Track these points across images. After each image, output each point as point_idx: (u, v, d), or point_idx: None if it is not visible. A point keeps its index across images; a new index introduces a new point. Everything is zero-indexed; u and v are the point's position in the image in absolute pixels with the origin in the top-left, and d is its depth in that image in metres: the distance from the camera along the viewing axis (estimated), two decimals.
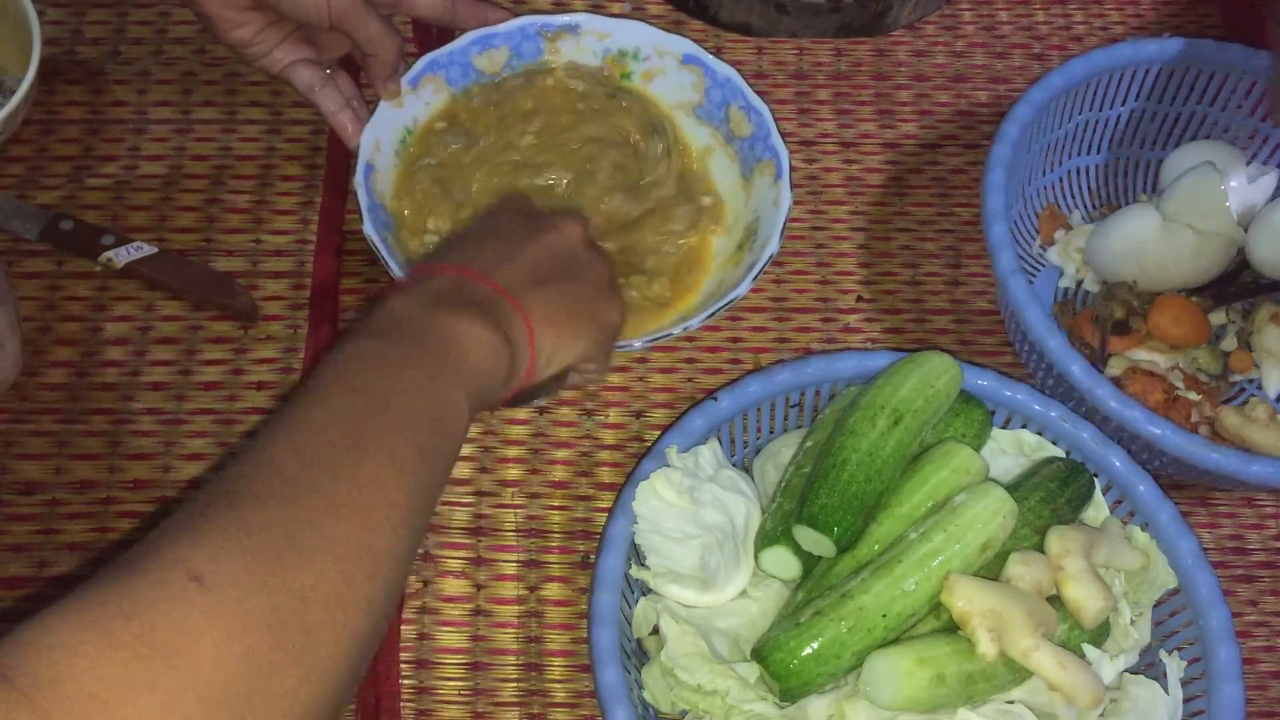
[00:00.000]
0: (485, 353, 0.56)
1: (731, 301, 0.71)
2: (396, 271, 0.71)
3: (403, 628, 0.69)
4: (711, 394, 0.68)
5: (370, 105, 0.79)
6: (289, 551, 0.43)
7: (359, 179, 0.74)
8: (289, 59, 0.78)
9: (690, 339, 0.79)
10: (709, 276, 0.77)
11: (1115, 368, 0.76)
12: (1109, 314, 0.77)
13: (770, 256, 0.73)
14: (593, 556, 0.71)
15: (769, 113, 0.78)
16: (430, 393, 0.53)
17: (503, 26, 0.81)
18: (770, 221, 0.75)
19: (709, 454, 0.67)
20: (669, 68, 0.82)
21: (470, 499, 0.73)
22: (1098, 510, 0.68)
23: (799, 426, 0.73)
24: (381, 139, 0.77)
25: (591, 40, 0.82)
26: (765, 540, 0.64)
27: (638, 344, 0.71)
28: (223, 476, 0.47)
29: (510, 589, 0.71)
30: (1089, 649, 0.62)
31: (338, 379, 0.52)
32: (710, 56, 0.81)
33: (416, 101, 0.79)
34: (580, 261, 0.65)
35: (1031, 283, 0.81)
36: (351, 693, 0.46)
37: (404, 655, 0.68)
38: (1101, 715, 0.62)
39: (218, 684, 0.39)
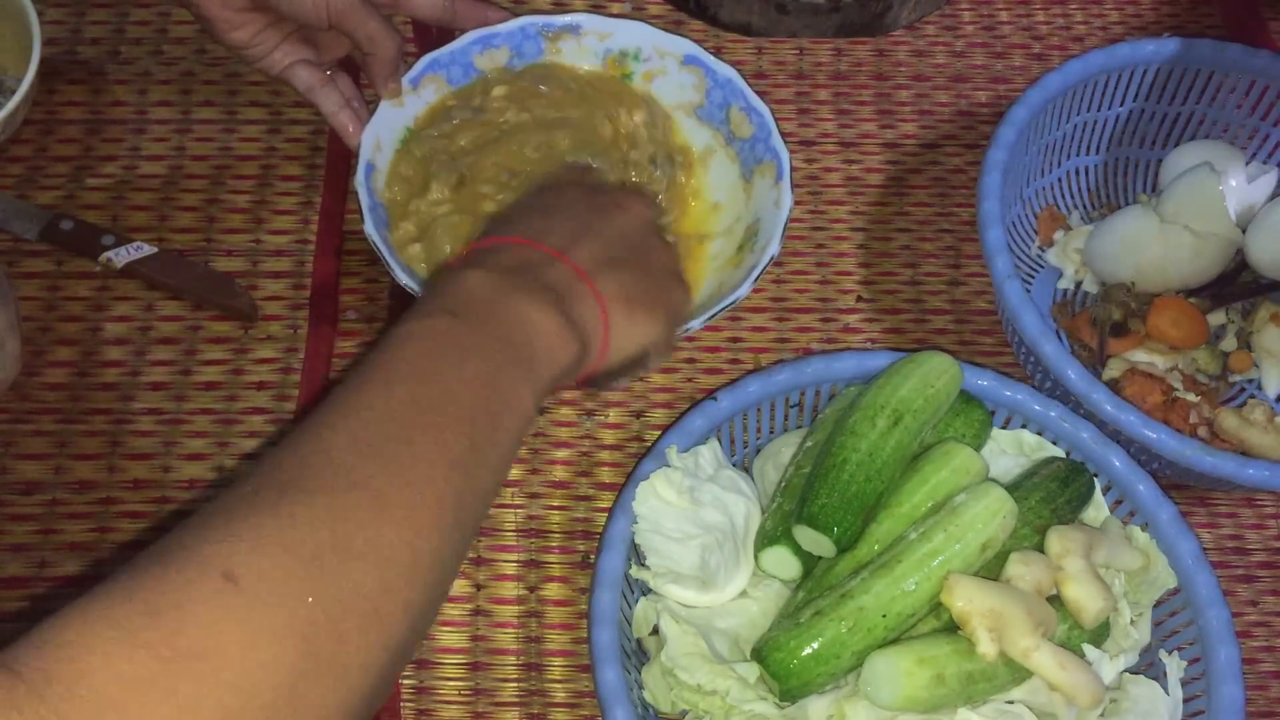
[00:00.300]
0: (556, 341, 0.54)
1: (733, 303, 0.71)
2: (397, 271, 0.71)
3: None
4: (711, 394, 0.68)
5: (370, 105, 0.78)
6: (330, 553, 0.41)
7: (360, 179, 0.74)
8: (288, 60, 0.78)
9: (690, 339, 0.79)
10: (706, 277, 0.77)
11: (1114, 369, 0.76)
12: (1107, 315, 0.77)
13: (771, 258, 0.73)
14: (593, 556, 0.71)
15: (770, 114, 0.78)
16: (495, 386, 0.51)
17: (503, 26, 0.81)
18: (771, 223, 0.75)
19: (709, 454, 0.67)
20: (670, 68, 0.82)
21: None
22: (1098, 510, 0.68)
23: (799, 426, 0.73)
24: (382, 138, 0.77)
25: (592, 40, 0.82)
26: (765, 540, 0.64)
27: None
28: (278, 457, 0.45)
29: (510, 589, 0.71)
30: (1089, 649, 0.62)
31: (405, 361, 0.50)
32: (711, 57, 0.81)
33: (418, 101, 0.79)
34: (649, 243, 0.63)
35: (1030, 284, 0.81)
36: (383, 699, 0.44)
37: None
38: (1101, 715, 0.62)
39: (242, 692, 0.38)
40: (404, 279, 0.70)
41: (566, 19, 0.82)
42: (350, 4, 0.73)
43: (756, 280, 0.72)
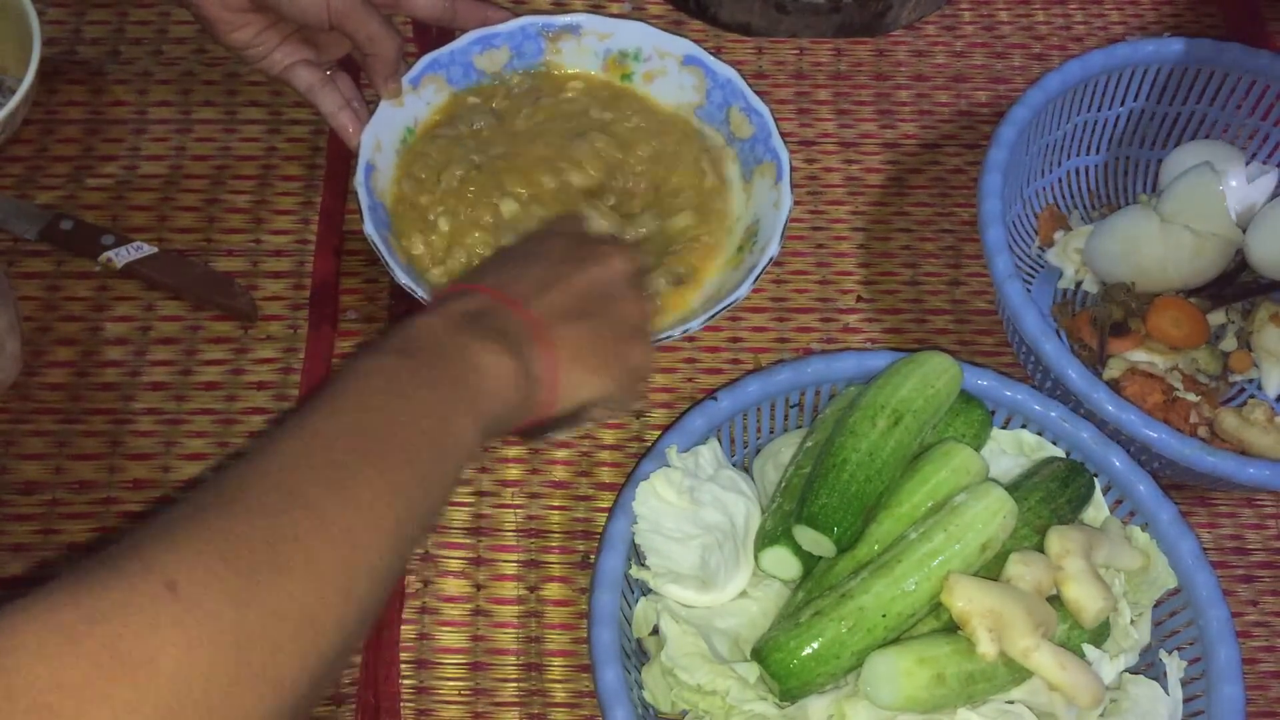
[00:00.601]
0: (503, 382, 0.56)
1: (732, 303, 0.71)
2: (397, 271, 0.71)
3: (403, 628, 0.69)
4: (711, 394, 0.68)
5: (370, 105, 0.78)
6: (268, 567, 0.43)
7: (360, 179, 0.74)
8: (288, 60, 0.78)
9: (690, 339, 0.79)
10: (710, 276, 0.77)
11: (1114, 369, 0.76)
12: (1107, 315, 0.77)
13: (771, 259, 0.73)
14: (593, 556, 0.71)
15: (770, 114, 0.78)
16: (440, 418, 0.53)
17: (504, 26, 0.81)
18: (771, 224, 0.75)
19: (709, 454, 0.67)
20: (670, 69, 0.82)
21: (470, 499, 0.73)
22: (1098, 510, 0.68)
23: (799, 426, 0.73)
24: (382, 138, 0.77)
25: (593, 41, 0.82)
26: (765, 540, 0.64)
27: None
28: (223, 477, 0.46)
29: (510, 589, 0.71)
30: (1089, 649, 0.62)
31: (352, 392, 0.52)
32: (711, 58, 0.81)
33: (418, 101, 0.79)
34: (619, 298, 0.64)
35: (1030, 284, 0.81)
36: (312, 708, 0.45)
37: (404, 655, 0.68)
38: (1101, 715, 0.62)
39: (176, 699, 0.38)
40: (403, 279, 0.70)
41: (567, 19, 0.82)
42: (351, 5, 0.73)
43: (756, 281, 0.72)
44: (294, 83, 0.79)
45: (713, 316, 0.71)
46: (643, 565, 0.64)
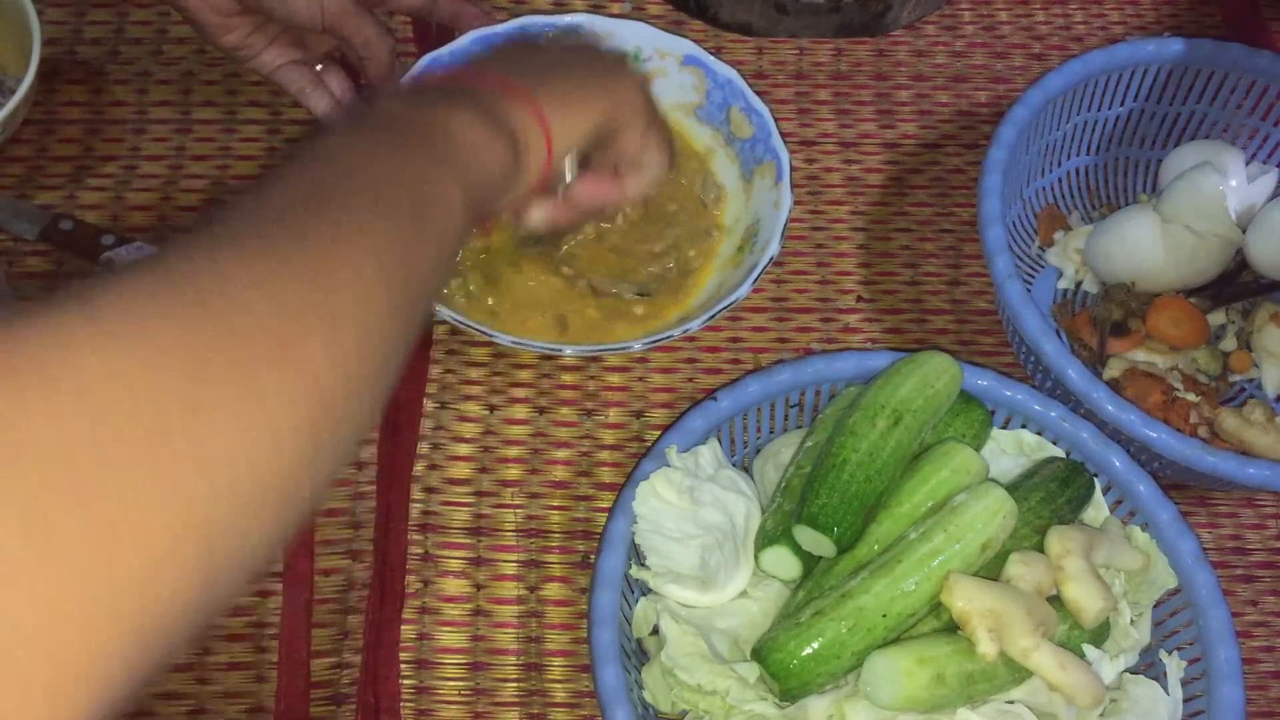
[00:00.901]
0: (482, 149, 0.51)
1: (732, 304, 0.71)
2: None
3: (403, 628, 0.69)
4: (711, 394, 0.68)
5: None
6: (217, 297, 0.36)
7: None
8: (279, 61, 0.78)
9: (690, 339, 0.79)
10: (710, 276, 0.77)
11: (1114, 369, 0.76)
12: (1107, 315, 0.77)
13: (771, 259, 0.73)
14: (593, 556, 0.71)
15: (770, 114, 0.78)
16: (418, 177, 0.47)
17: (504, 26, 0.81)
18: (771, 224, 0.75)
19: (709, 454, 0.67)
20: (670, 69, 0.82)
21: (470, 499, 0.73)
22: (1098, 510, 0.68)
23: (799, 426, 0.73)
24: None
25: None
26: (765, 540, 0.64)
27: (638, 345, 0.71)
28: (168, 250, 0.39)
29: (510, 589, 0.71)
30: (1089, 649, 0.62)
31: (311, 154, 0.46)
32: (711, 58, 0.81)
33: None
34: (600, 60, 0.63)
35: (1030, 284, 0.81)
36: (319, 463, 0.38)
37: (404, 655, 0.68)
38: (1101, 715, 0.62)
39: (98, 423, 0.32)
40: None
41: (567, 19, 0.82)
42: (344, 8, 0.73)
43: (756, 280, 0.72)
44: (285, 84, 0.79)
45: (713, 317, 0.71)
46: (643, 565, 0.64)
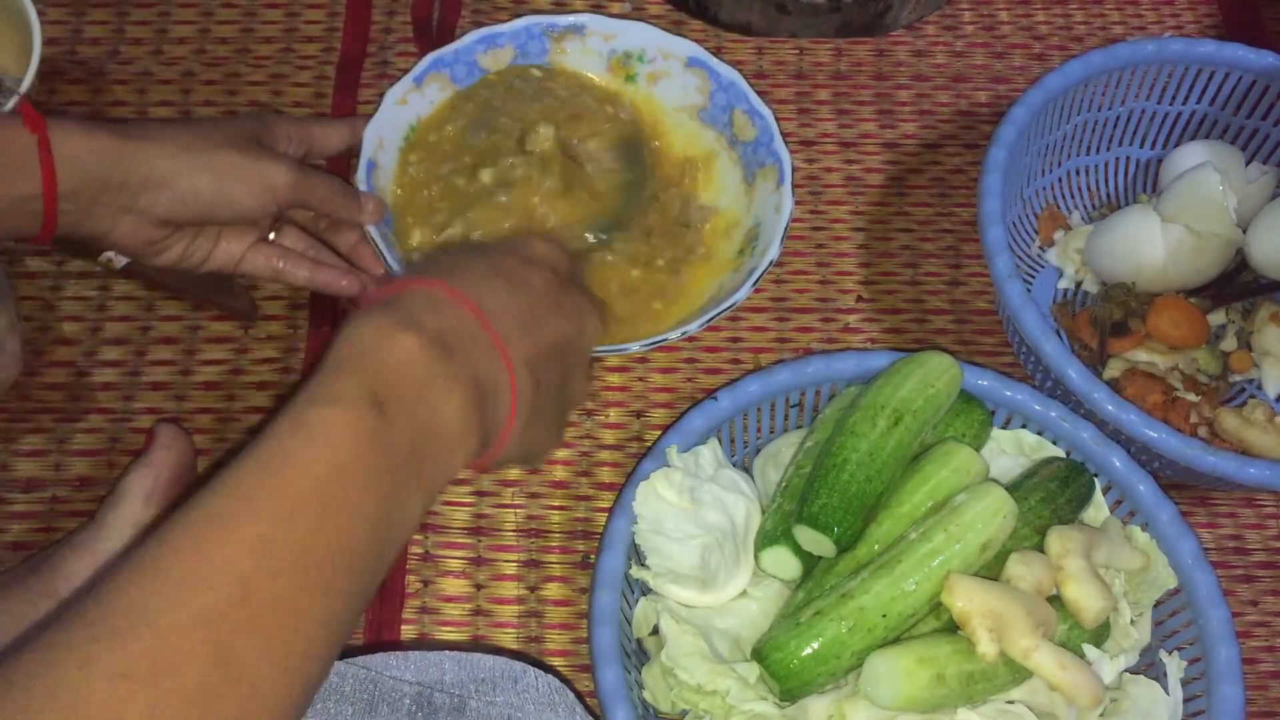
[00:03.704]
0: (460, 448, 0.50)
1: (730, 307, 0.71)
2: (395, 269, 0.71)
3: (403, 628, 0.69)
4: (711, 394, 0.68)
5: (368, 109, 0.78)
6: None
7: (361, 175, 0.74)
8: (239, 253, 0.70)
9: (690, 339, 0.79)
10: (708, 279, 0.77)
11: (1114, 369, 0.76)
12: (1107, 315, 0.77)
13: (770, 263, 0.73)
14: (593, 556, 0.71)
15: (773, 117, 0.78)
16: (391, 520, 0.46)
17: (508, 26, 0.81)
18: (771, 227, 0.75)
19: (709, 454, 0.67)
20: (674, 70, 0.82)
21: (470, 499, 0.73)
22: (1098, 510, 0.68)
23: (799, 426, 0.73)
24: (385, 137, 0.77)
25: (597, 41, 0.82)
26: (765, 540, 0.64)
27: (635, 347, 0.71)
28: (136, 587, 0.40)
29: (510, 589, 0.71)
30: (1089, 649, 0.62)
31: (315, 478, 0.44)
32: (715, 60, 0.80)
33: (421, 100, 0.79)
34: (579, 367, 0.59)
35: (1030, 284, 0.81)
36: None
37: None
38: (1101, 715, 0.62)
39: None
40: (398, 270, 0.71)
41: (571, 19, 0.82)
42: (292, 180, 0.67)
43: (755, 284, 0.72)
44: (256, 272, 0.71)
45: (710, 320, 0.71)
46: (643, 565, 0.64)
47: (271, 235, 0.72)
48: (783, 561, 0.63)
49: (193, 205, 0.65)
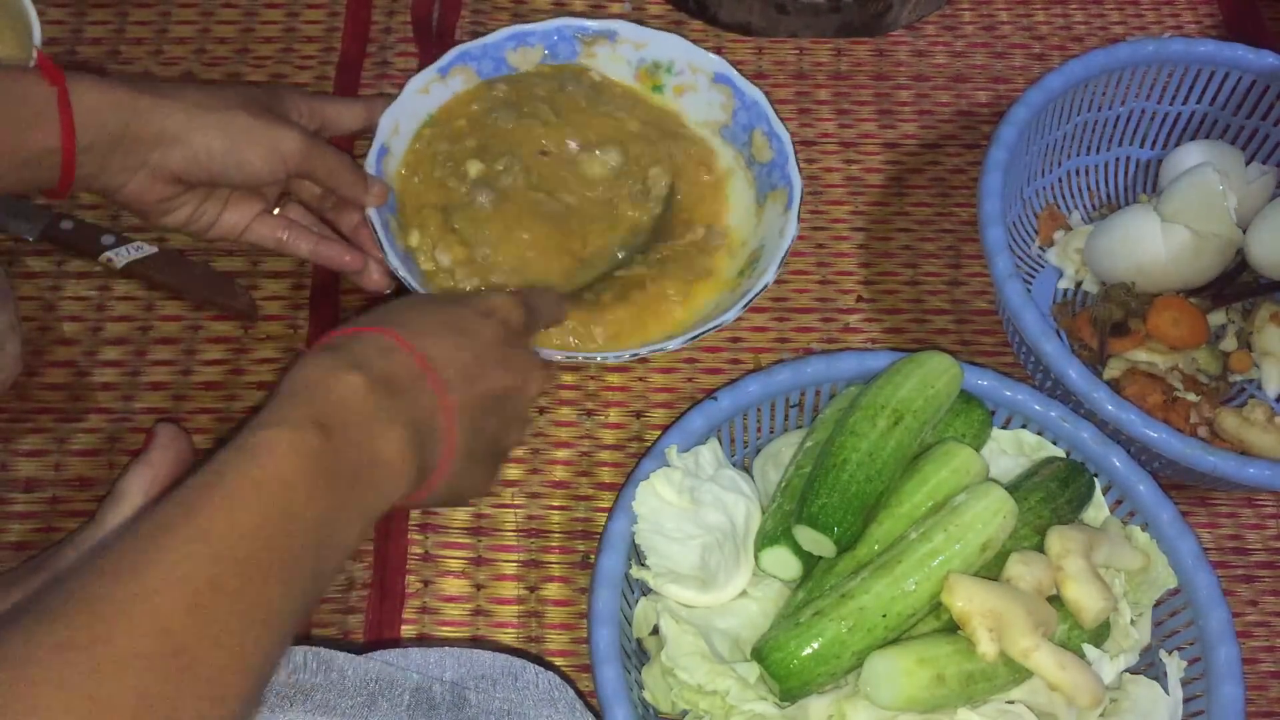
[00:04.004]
0: (399, 480, 0.52)
1: (718, 326, 0.71)
2: (391, 256, 0.71)
3: (403, 628, 0.69)
4: (711, 394, 0.68)
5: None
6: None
7: (371, 160, 0.74)
8: (242, 222, 0.72)
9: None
10: (711, 295, 0.77)
11: (1114, 369, 0.76)
12: (1107, 315, 0.77)
13: (765, 286, 0.72)
14: (593, 556, 0.71)
15: (789, 141, 0.78)
16: (333, 536, 0.49)
17: (539, 26, 0.81)
18: (772, 251, 0.74)
19: (709, 454, 0.67)
20: (700, 84, 0.82)
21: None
22: (1098, 510, 0.68)
23: (799, 426, 0.73)
24: (401, 123, 0.77)
25: (627, 49, 0.82)
26: (765, 540, 0.64)
27: (626, 356, 0.71)
28: (92, 574, 0.42)
29: (510, 589, 0.71)
30: (1089, 649, 0.62)
31: (260, 483, 0.46)
32: (741, 78, 0.80)
33: (444, 91, 0.79)
34: (517, 420, 0.62)
35: (1030, 284, 0.81)
36: None
37: None
38: (1101, 715, 0.62)
39: None
40: (395, 264, 0.71)
41: (602, 24, 0.82)
42: (301, 148, 0.68)
43: (746, 306, 0.72)
44: (260, 242, 0.73)
45: (696, 337, 0.71)
46: (643, 565, 0.64)
47: (276, 210, 0.74)
48: (783, 561, 0.63)
49: (205, 164, 0.67)
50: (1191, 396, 0.75)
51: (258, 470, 0.47)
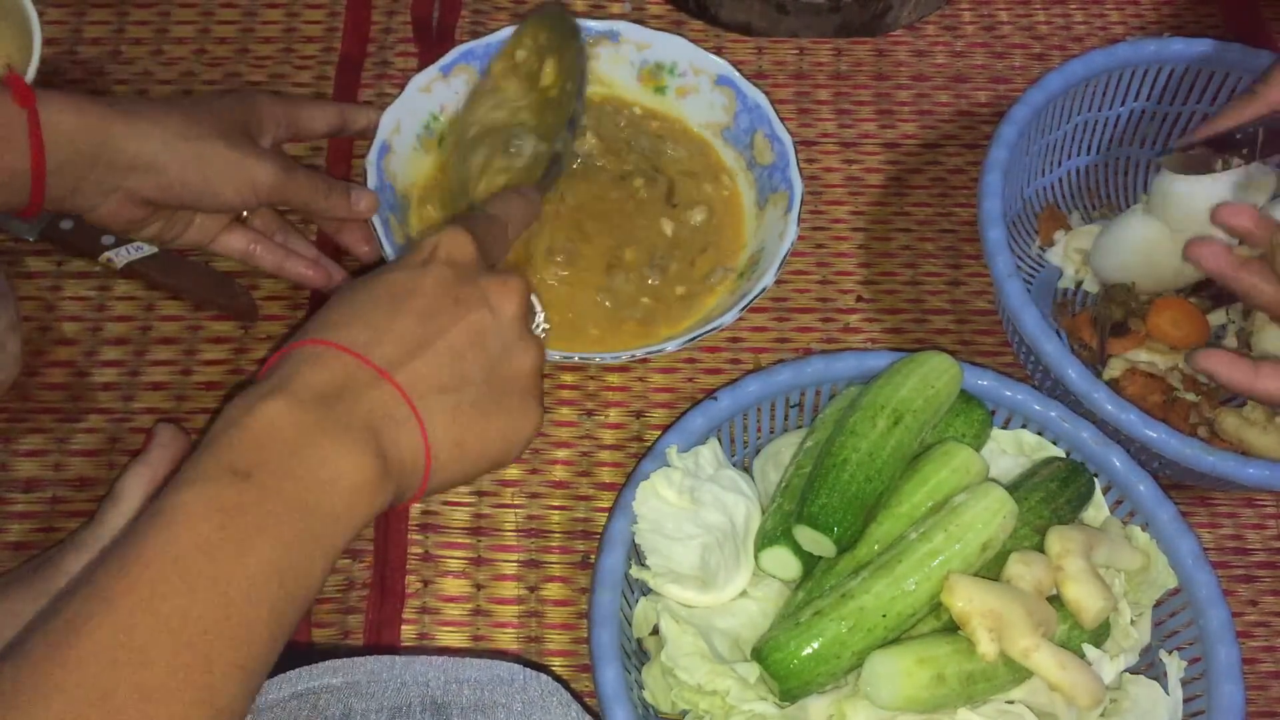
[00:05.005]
0: (364, 494, 0.48)
1: (718, 327, 0.71)
2: (389, 253, 0.71)
3: (403, 628, 0.69)
4: (711, 394, 0.68)
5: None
6: None
7: (372, 158, 0.74)
8: (213, 231, 0.72)
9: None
10: (711, 297, 0.77)
11: (1114, 369, 0.76)
12: (1108, 315, 0.77)
13: (764, 289, 0.72)
14: (593, 556, 0.71)
15: (791, 144, 0.78)
16: (284, 577, 0.45)
17: None
18: (771, 254, 0.74)
19: (709, 454, 0.67)
20: (703, 86, 0.82)
21: (470, 499, 0.73)
22: (1098, 510, 0.68)
23: (799, 426, 0.73)
24: (403, 121, 0.77)
25: (630, 50, 0.82)
26: (765, 540, 0.64)
27: (625, 356, 0.71)
28: (22, 661, 0.40)
29: (510, 589, 0.71)
30: (1089, 649, 0.62)
31: (176, 560, 0.43)
32: (744, 80, 0.80)
33: (446, 90, 0.79)
34: (505, 350, 0.56)
35: (1030, 284, 0.81)
36: None
37: None
38: (1101, 715, 0.62)
39: None
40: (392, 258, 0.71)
41: (605, 25, 0.82)
42: (275, 178, 0.67)
43: (744, 309, 0.72)
44: (226, 254, 0.74)
45: (692, 340, 0.71)
46: (643, 565, 0.64)
47: (245, 215, 0.74)
48: (783, 561, 0.63)
49: (178, 192, 0.67)
50: (1191, 396, 0.75)
51: (173, 544, 0.43)
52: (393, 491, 0.50)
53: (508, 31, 0.80)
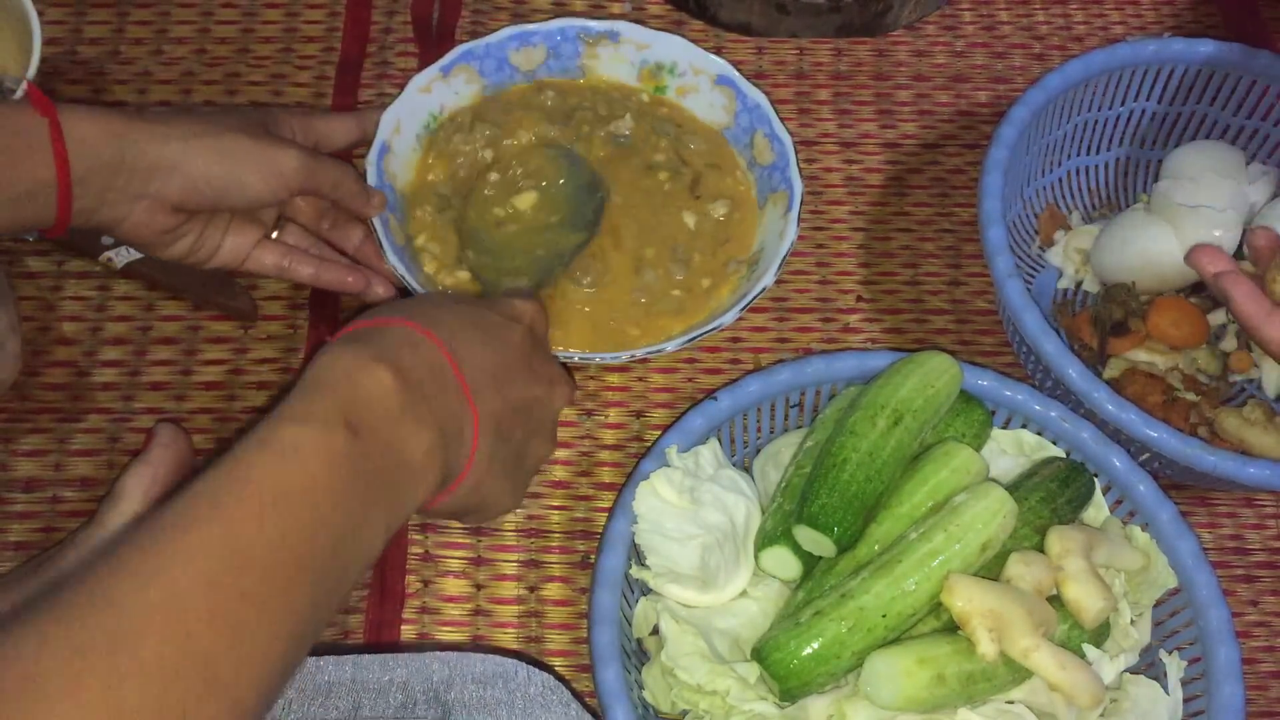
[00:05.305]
0: (423, 483, 0.51)
1: (718, 327, 0.71)
2: (390, 255, 0.71)
3: (403, 628, 0.69)
4: (711, 394, 0.68)
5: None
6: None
7: (372, 157, 0.74)
8: (244, 249, 0.71)
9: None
10: (710, 305, 0.77)
11: (1114, 369, 0.76)
12: (1108, 315, 0.77)
13: (763, 289, 0.72)
14: (593, 556, 0.71)
15: (791, 144, 0.78)
16: (359, 538, 0.47)
17: (542, 26, 0.81)
18: (771, 254, 0.74)
19: (709, 454, 0.67)
20: (703, 86, 0.82)
21: None
22: (1098, 510, 0.68)
23: (799, 426, 0.73)
24: (403, 121, 0.77)
25: (630, 50, 0.82)
26: (765, 540, 0.64)
27: (625, 356, 0.71)
28: (120, 572, 0.41)
29: (510, 589, 0.71)
30: (1089, 649, 0.62)
31: (289, 488, 0.45)
32: (744, 80, 0.80)
33: (446, 90, 0.79)
34: (541, 434, 0.60)
35: (1030, 284, 0.81)
36: None
37: None
38: (1101, 715, 0.62)
39: None
40: (394, 261, 0.71)
41: (605, 25, 0.82)
42: (301, 165, 0.68)
43: (744, 308, 0.72)
44: (262, 270, 0.72)
45: (692, 340, 0.71)
46: (643, 565, 0.64)
47: (275, 234, 0.73)
48: (783, 561, 0.63)
49: (205, 191, 0.66)
50: (1191, 396, 0.75)
51: (285, 475, 0.45)
52: (436, 489, 0.53)
53: (509, 32, 0.80)
